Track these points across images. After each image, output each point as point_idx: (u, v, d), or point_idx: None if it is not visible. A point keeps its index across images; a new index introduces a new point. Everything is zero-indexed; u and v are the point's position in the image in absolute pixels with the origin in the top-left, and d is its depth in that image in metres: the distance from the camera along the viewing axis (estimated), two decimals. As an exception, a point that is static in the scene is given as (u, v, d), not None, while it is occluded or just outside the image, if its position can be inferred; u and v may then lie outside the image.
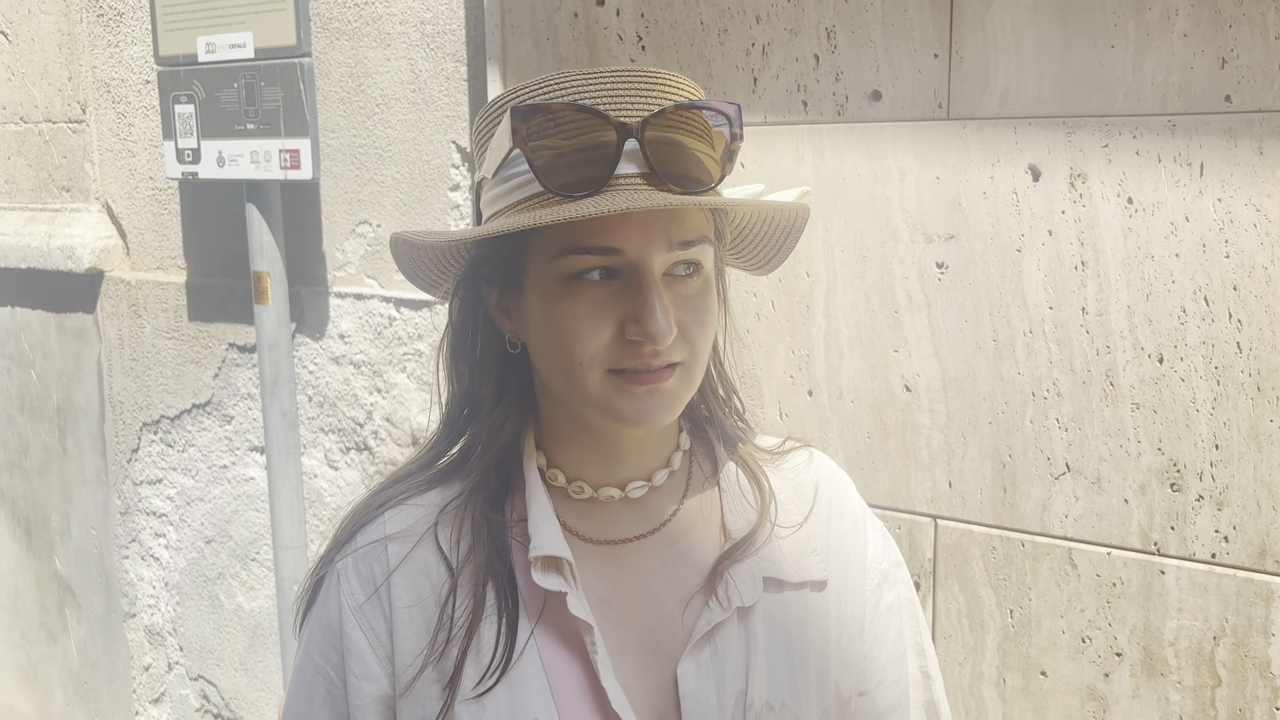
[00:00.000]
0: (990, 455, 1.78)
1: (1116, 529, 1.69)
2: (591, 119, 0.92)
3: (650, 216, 0.93)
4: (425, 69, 2.49)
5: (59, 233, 3.26)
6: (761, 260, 1.12)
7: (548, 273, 0.96)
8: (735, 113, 0.97)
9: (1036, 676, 1.78)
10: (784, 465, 1.14)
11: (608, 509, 1.06)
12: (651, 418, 0.97)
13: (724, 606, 1.01)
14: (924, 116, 1.77)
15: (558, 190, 0.93)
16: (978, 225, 1.74)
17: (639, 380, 0.95)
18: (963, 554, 1.83)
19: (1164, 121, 1.58)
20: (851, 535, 1.11)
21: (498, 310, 1.04)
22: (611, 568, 1.05)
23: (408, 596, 1.03)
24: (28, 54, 3.33)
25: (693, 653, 1.00)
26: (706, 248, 0.98)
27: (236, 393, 3.00)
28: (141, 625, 3.35)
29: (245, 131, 2.61)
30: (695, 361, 0.98)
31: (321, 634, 1.06)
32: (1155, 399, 1.64)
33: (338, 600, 1.04)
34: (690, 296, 0.97)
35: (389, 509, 1.07)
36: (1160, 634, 1.67)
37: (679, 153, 0.94)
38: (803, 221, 1.06)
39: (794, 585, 1.05)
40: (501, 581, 1.01)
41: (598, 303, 0.94)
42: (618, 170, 0.92)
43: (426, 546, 1.04)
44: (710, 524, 1.08)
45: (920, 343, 1.82)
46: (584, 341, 0.94)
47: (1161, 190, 1.60)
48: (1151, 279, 1.62)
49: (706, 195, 0.95)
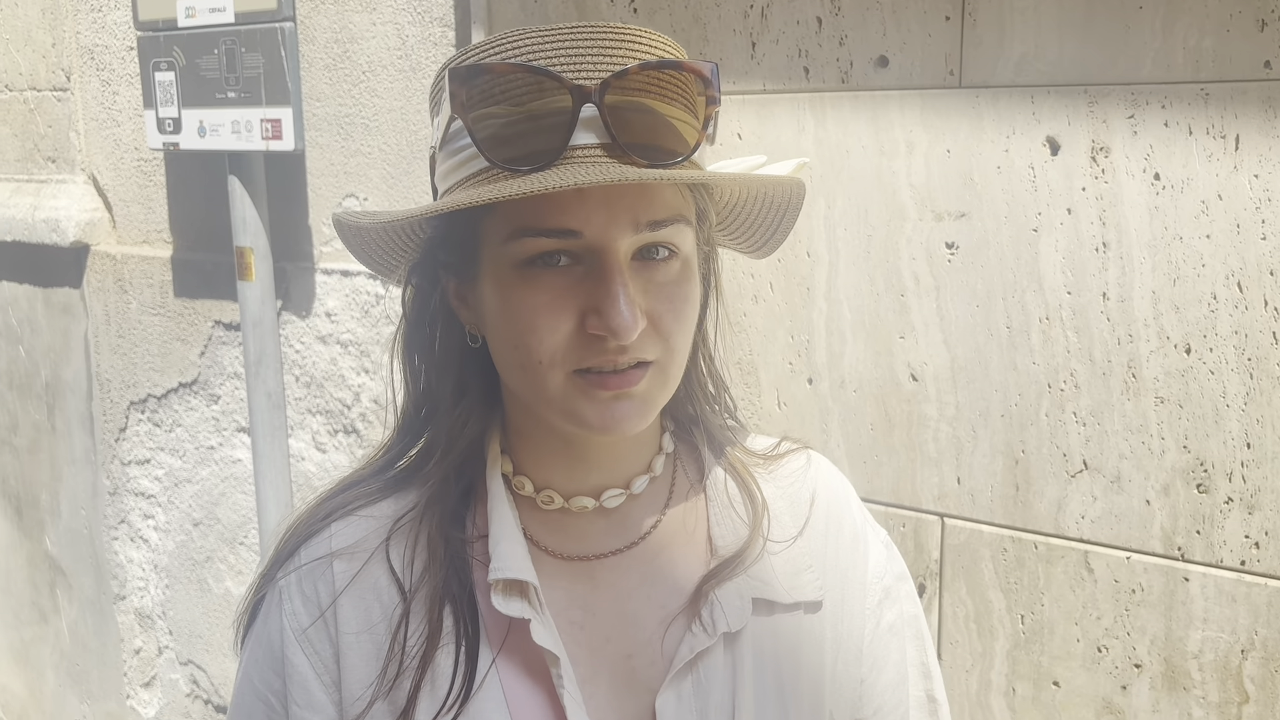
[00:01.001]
0: (1002, 450, 1.66)
1: (1137, 532, 1.57)
2: (543, 81, 0.80)
3: (613, 194, 0.81)
4: (412, 34, 2.37)
5: (44, 205, 3.17)
6: (758, 241, 1.00)
7: (501, 258, 0.85)
8: (712, 72, 0.85)
9: (1049, 687, 1.67)
10: (778, 471, 1.03)
11: (580, 521, 0.96)
12: (619, 425, 0.86)
13: (709, 632, 0.91)
14: (934, 84, 1.64)
15: (504, 164, 0.82)
16: (991, 202, 1.61)
17: (604, 384, 0.84)
18: (971, 555, 1.71)
19: (1196, 90, 1.45)
20: (851, 549, 1.01)
21: (456, 299, 0.93)
22: (584, 586, 0.94)
23: (356, 621, 0.92)
24: (11, 19, 3.23)
25: (673, 683, 0.89)
26: (682, 228, 0.86)
27: (223, 372, 2.90)
28: (131, 608, 3.28)
29: (226, 100, 2.50)
30: (671, 359, 0.87)
31: (262, 657, 0.96)
32: (1181, 392, 1.51)
33: (279, 621, 0.94)
34: (664, 284, 0.86)
35: (335, 520, 0.96)
36: (1183, 645, 1.55)
37: (646, 119, 0.82)
38: (799, 197, 0.94)
39: (786, 607, 0.95)
40: (460, 605, 0.91)
41: (556, 292, 0.83)
42: (573, 140, 0.81)
43: (377, 564, 0.94)
44: (695, 538, 0.98)
45: (928, 329, 1.70)
46: (541, 336, 0.84)
47: (1192, 165, 1.46)
48: (1179, 262, 1.49)
49: (679, 168, 0.83)
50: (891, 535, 1.76)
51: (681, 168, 0.84)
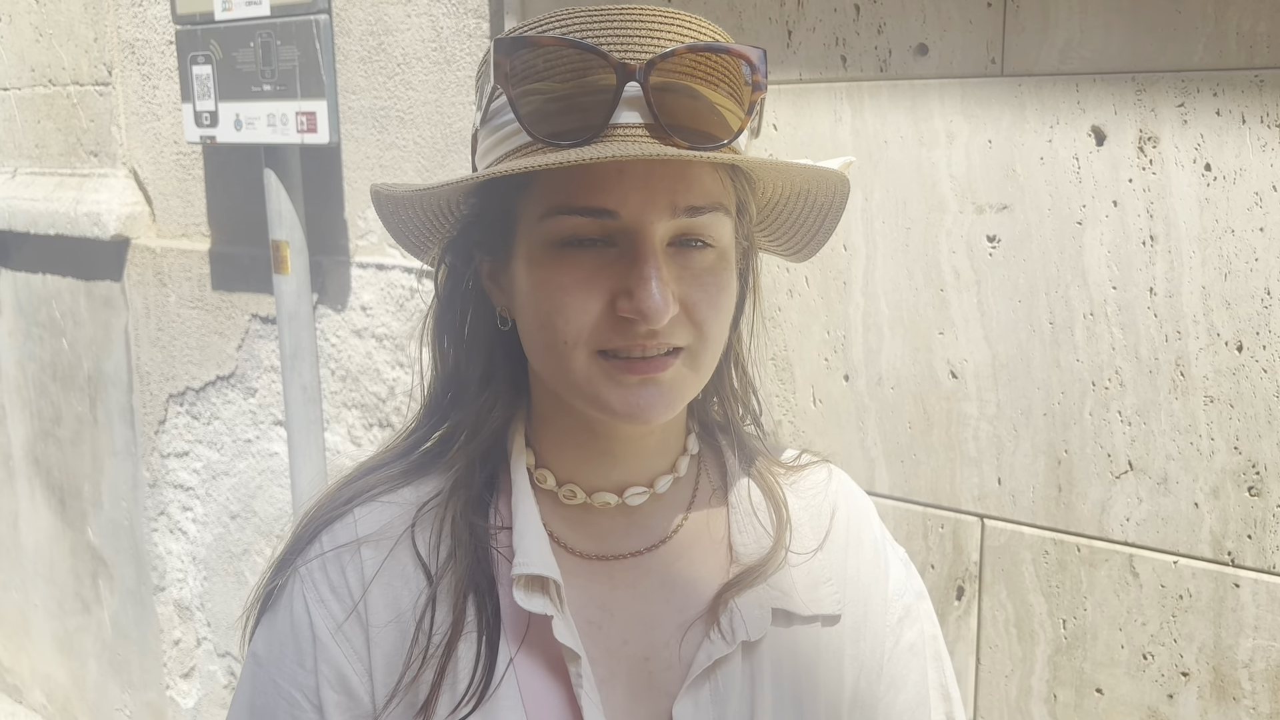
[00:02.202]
0: (1044, 450, 1.61)
1: (1185, 535, 1.51)
2: (588, 57, 0.79)
3: (652, 175, 0.79)
4: (446, 25, 2.35)
5: (86, 198, 3.19)
6: (798, 243, 0.97)
7: (536, 236, 0.83)
8: (759, 58, 0.82)
9: (1091, 694, 1.62)
10: (800, 483, 1.00)
11: (602, 518, 0.93)
12: (645, 413, 0.84)
13: (727, 640, 0.88)
14: (975, 73, 1.59)
15: (544, 138, 0.80)
16: (1034, 194, 1.56)
17: (631, 368, 0.82)
18: (1012, 557, 1.66)
19: (1250, 77, 1.39)
20: (871, 565, 0.98)
21: (489, 279, 0.91)
22: (603, 586, 0.92)
23: (386, 609, 0.90)
24: (54, 14, 3.25)
25: (691, 690, 0.87)
26: (721, 218, 0.84)
27: (260, 365, 2.90)
28: (171, 599, 3.30)
29: (262, 93, 2.49)
30: (703, 348, 0.85)
31: (285, 648, 0.91)
32: (1232, 391, 1.45)
33: (305, 612, 0.90)
34: (700, 271, 0.83)
35: (358, 505, 0.94)
36: (1233, 653, 1.50)
37: (689, 102, 0.80)
38: (843, 195, 0.91)
39: (805, 619, 0.92)
40: (483, 596, 0.89)
41: (589, 271, 0.81)
42: (615, 118, 0.79)
43: (403, 550, 0.91)
44: (716, 543, 0.95)
45: (968, 324, 1.65)
46: (569, 315, 0.81)
47: (1245, 156, 1.40)
48: (1231, 256, 1.43)
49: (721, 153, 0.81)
50: (929, 536, 1.73)
51: (723, 154, 0.82)
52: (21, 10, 3.36)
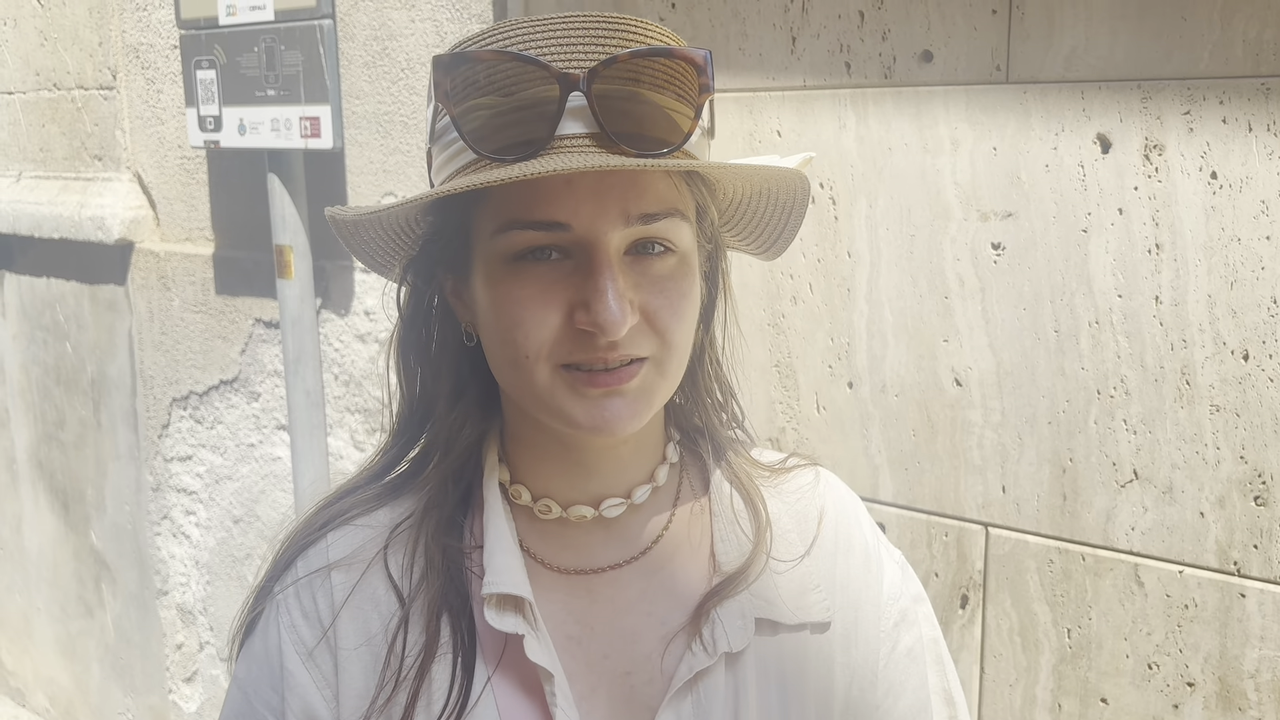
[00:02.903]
0: (1049, 458, 1.60)
1: (1190, 545, 1.51)
2: (529, 69, 0.77)
3: (602, 185, 0.78)
4: (450, 31, 2.35)
5: (90, 202, 3.19)
6: (765, 241, 0.96)
7: (491, 251, 0.82)
8: (705, 59, 0.81)
9: (1096, 703, 1.61)
10: (785, 486, 0.99)
11: (579, 531, 0.92)
12: (610, 425, 0.82)
13: (709, 651, 0.87)
14: (980, 79, 1.59)
15: (489, 155, 0.79)
16: (1039, 202, 1.56)
17: (593, 381, 0.81)
18: (1016, 566, 1.65)
19: (1256, 84, 1.38)
20: (862, 569, 0.96)
21: (453, 296, 0.90)
22: (582, 601, 0.91)
23: (355, 634, 0.90)
24: (59, 18, 3.25)
25: (673, 703, 0.86)
26: (678, 223, 0.83)
27: (263, 369, 2.90)
28: (174, 603, 3.30)
29: (266, 98, 2.49)
30: (668, 355, 0.83)
31: (260, 673, 0.93)
32: (1238, 400, 1.45)
33: (278, 636, 0.92)
34: (660, 278, 0.82)
35: (331, 530, 0.94)
36: (1239, 664, 1.49)
37: (636, 108, 0.79)
38: (804, 193, 0.89)
39: (791, 627, 0.91)
40: (457, 616, 0.88)
41: (545, 285, 0.81)
42: (561, 130, 0.78)
43: (375, 574, 0.91)
44: (698, 552, 0.94)
45: (973, 332, 1.64)
46: (529, 330, 0.81)
47: (1251, 164, 1.40)
48: (1237, 265, 1.43)
49: (672, 158, 0.80)
50: (933, 545, 1.72)
51: (675, 158, 0.80)
52: (26, 15, 3.36)
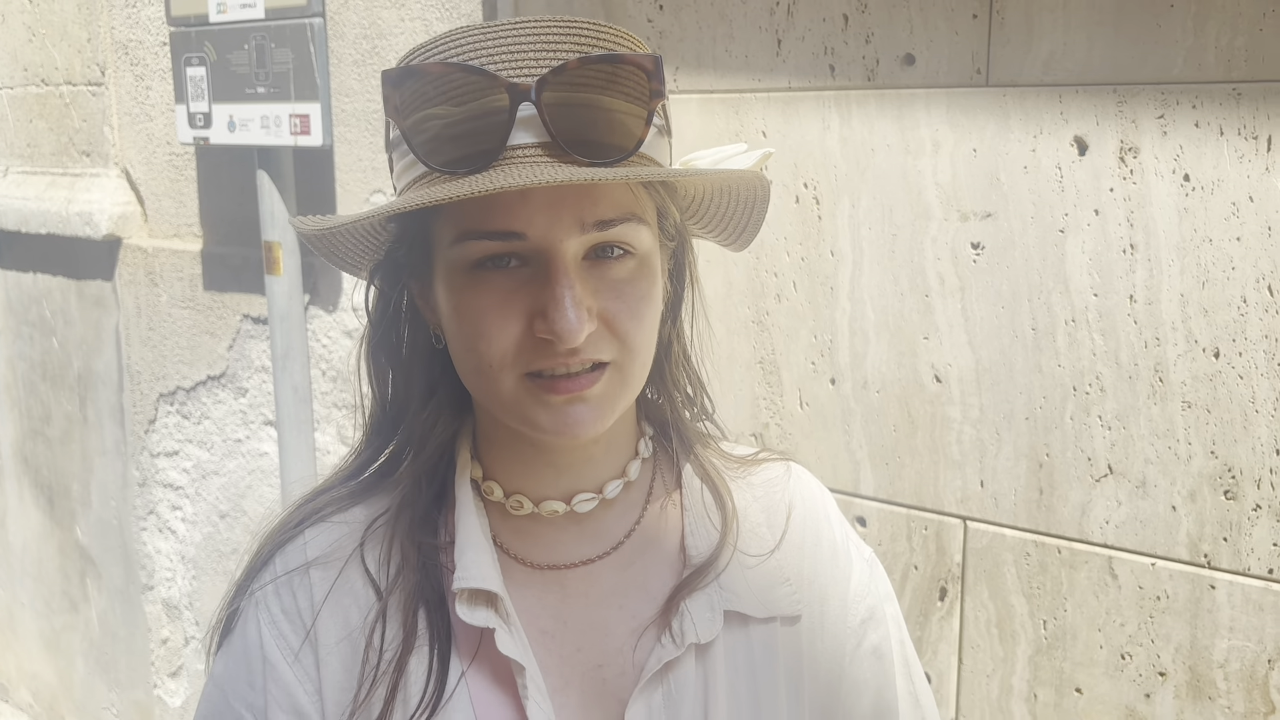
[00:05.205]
0: (1026, 454, 1.64)
1: (1162, 538, 1.55)
2: (478, 81, 0.78)
3: (557, 194, 0.79)
4: (440, 30, 2.36)
5: (78, 198, 3.20)
6: (731, 234, 0.97)
7: (451, 260, 0.83)
8: (655, 65, 0.81)
9: (1070, 693, 1.65)
10: (755, 479, 1.00)
11: (551, 527, 0.94)
12: (573, 430, 0.84)
13: (677, 643, 0.89)
14: (961, 83, 1.62)
15: (440, 168, 0.79)
16: (1017, 203, 1.59)
17: (555, 388, 0.82)
18: (994, 559, 1.69)
19: (1228, 90, 1.42)
20: (830, 564, 0.98)
21: (420, 299, 0.91)
22: (555, 596, 0.93)
23: (336, 629, 0.91)
24: (47, 14, 3.26)
25: (643, 693, 0.88)
26: (636, 226, 0.83)
27: (250, 365, 2.92)
28: (159, 598, 3.31)
29: (256, 95, 2.51)
30: (629, 359, 0.85)
31: (238, 670, 0.93)
32: (1209, 397, 1.49)
33: (258, 633, 0.92)
34: (619, 282, 0.83)
35: (309, 527, 0.95)
36: (1209, 654, 1.53)
37: (587, 115, 0.79)
38: (765, 190, 0.90)
39: (761, 620, 0.93)
40: (433, 611, 0.90)
41: (504, 294, 0.81)
42: (512, 140, 0.78)
43: (353, 569, 0.92)
44: (669, 546, 0.95)
45: (952, 330, 1.68)
46: (491, 339, 0.82)
47: (1223, 166, 1.44)
48: (1209, 265, 1.46)
49: (627, 163, 0.81)
50: (913, 538, 1.76)
51: (630, 163, 0.81)
52: (14, 10, 3.37)
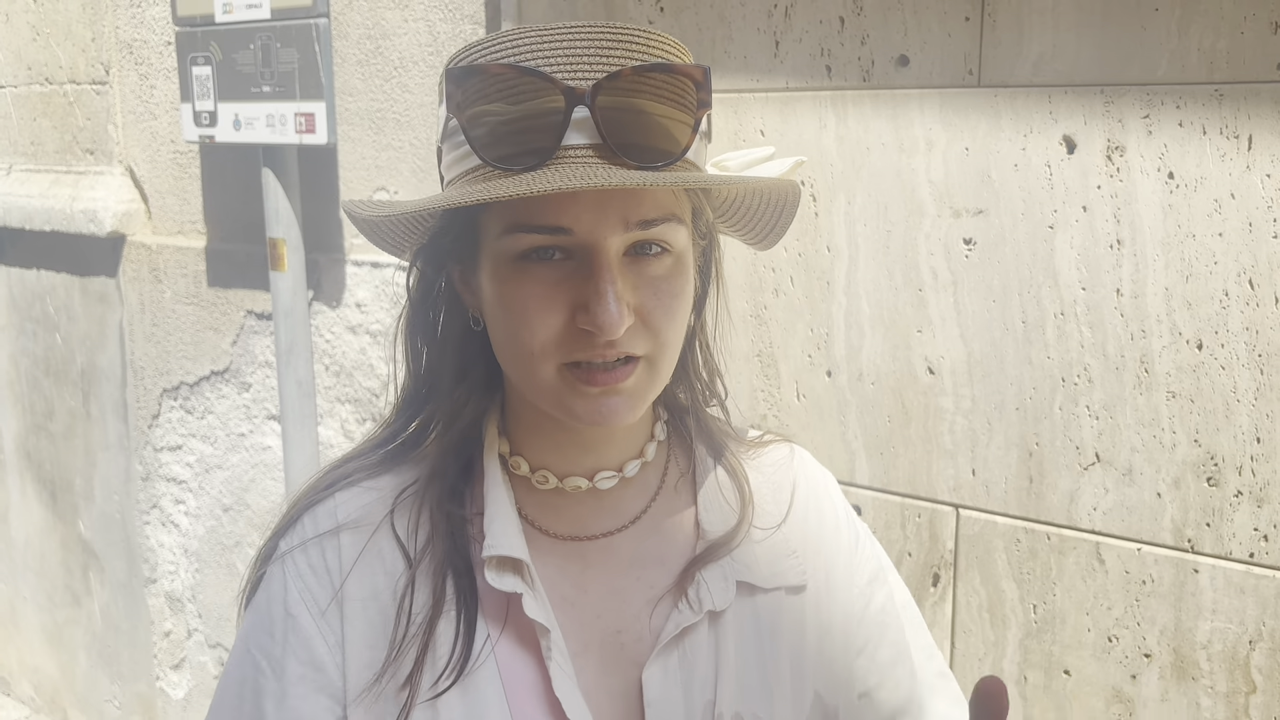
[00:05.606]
0: (1016, 443, 1.69)
1: (1148, 524, 1.60)
2: (537, 82, 0.82)
3: (604, 194, 0.84)
4: (443, 31, 2.41)
5: (82, 196, 3.23)
6: (758, 235, 1.03)
7: (498, 250, 0.88)
8: (704, 75, 0.86)
9: (1060, 675, 1.70)
10: (762, 460, 1.06)
11: (574, 501, 0.99)
12: (608, 419, 0.89)
13: (694, 609, 0.94)
14: (953, 83, 1.68)
15: (495, 163, 0.84)
16: (1008, 200, 1.65)
17: (592, 380, 0.87)
18: (985, 545, 1.74)
19: (1210, 90, 1.48)
20: (833, 535, 1.04)
21: (461, 283, 0.96)
22: (576, 565, 0.98)
23: (363, 591, 0.95)
24: (52, 13, 3.30)
25: (659, 657, 0.93)
26: (675, 226, 0.88)
27: (254, 360, 2.96)
28: (162, 591, 3.35)
29: (261, 94, 2.55)
30: (661, 354, 0.90)
31: (262, 622, 0.97)
32: (1193, 387, 1.54)
33: (283, 588, 0.96)
34: (656, 279, 0.88)
35: (339, 490, 0.99)
36: (1192, 636, 1.58)
37: (638, 120, 0.84)
38: (795, 195, 0.96)
39: (768, 590, 0.98)
40: (461, 577, 0.94)
41: (549, 285, 0.86)
42: (565, 141, 0.83)
43: (383, 535, 0.96)
44: (684, 522, 1.01)
45: (945, 323, 1.73)
46: (534, 329, 0.86)
47: (1205, 164, 1.49)
48: (1192, 259, 1.52)
49: (672, 168, 0.86)
50: (907, 526, 1.81)
51: (674, 168, 0.86)
52: (19, 9, 3.40)
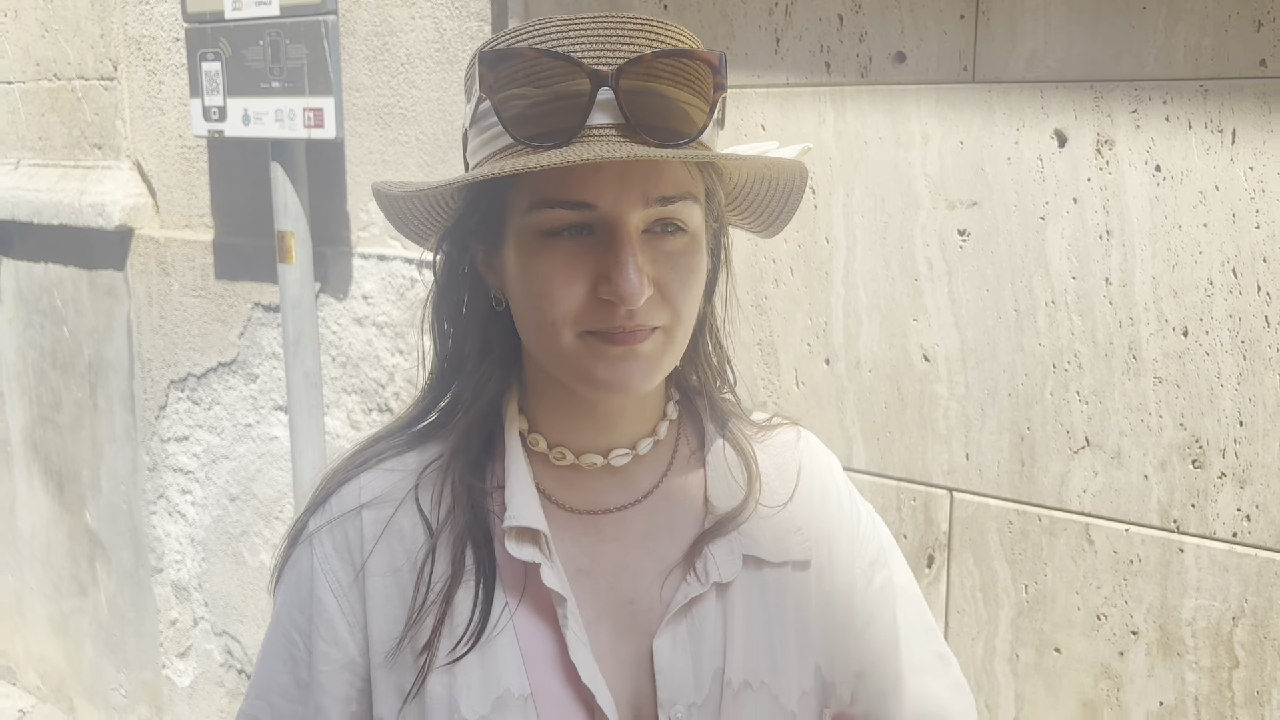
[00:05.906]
0: (1009, 427, 1.75)
1: (1135, 505, 1.65)
2: (564, 66, 0.88)
3: (626, 170, 0.89)
4: (450, 28, 2.47)
5: (90, 190, 3.28)
6: (765, 222, 1.08)
7: (524, 226, 0.93)
8: (720, 60, 0.92)
9: (1050, 653, 1.76)
10: (770, 442, 1.11)
11: (589, 477, 1.04)
12: (627, 382, 0.93)
13: (702, 581, 0.99)
14: (949, 79, 1.73)
15: (526, 141, 0.89)
16: (1001, 192, 1.70)
17: (614, 341, 0.92)
18: (978, 527, 1.80)
19: (1195, 86, 1.53)
20: (837, 514, 1.09)
21: (484, 264, 1.01)
22: (591, 537, 1.02)
23: (383, 564, 1.00)
24: (60, 10, 3.34)
25: (669, 626, 0.98)
26: (690, 205, 0.93)
27: (261, 352, 3.01)
28: (168, 580, 3.39)
29: (270, 90, 2.60)
30: (677, 325, 0.94)
31: (293, 598, 1.03)
32: (1179, 373, 1.60)
33: (310, 565, 1.02)
34: (672, 254, 0.93)
35: (366, 471, 1.04)
36: (1178, 613, 1.64)
37: (658, 102, 0.89)
38: (802, 180, 1.01)
39: (774, 565, 1.03)
40: (480, 548, 0.99)
41: (571, 258, 0.91)
42: (590, 120, 0.88)
43: (405, 511, 1.02)
44: (694, 498, 1.06)
45: (940, 312, 1.78)
46: (556, 299, 0.91)
47: (1191, 158, 1.55)
48: (1178, 249, 1.57)
49: (688, 149, 0.91)
50: (903, 509, 1.86)
51: (690, 148, 0.91)
52: (27, 6, 3.45)
